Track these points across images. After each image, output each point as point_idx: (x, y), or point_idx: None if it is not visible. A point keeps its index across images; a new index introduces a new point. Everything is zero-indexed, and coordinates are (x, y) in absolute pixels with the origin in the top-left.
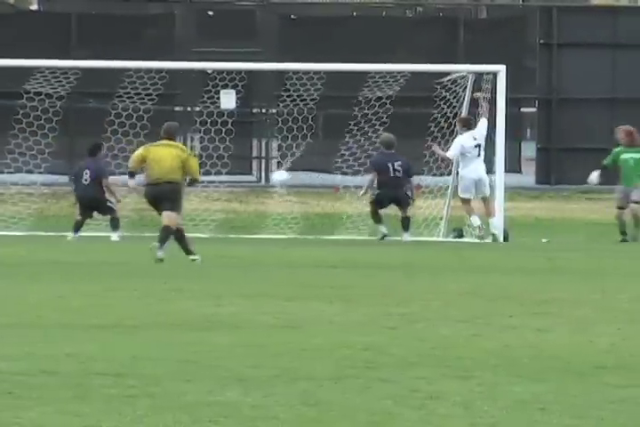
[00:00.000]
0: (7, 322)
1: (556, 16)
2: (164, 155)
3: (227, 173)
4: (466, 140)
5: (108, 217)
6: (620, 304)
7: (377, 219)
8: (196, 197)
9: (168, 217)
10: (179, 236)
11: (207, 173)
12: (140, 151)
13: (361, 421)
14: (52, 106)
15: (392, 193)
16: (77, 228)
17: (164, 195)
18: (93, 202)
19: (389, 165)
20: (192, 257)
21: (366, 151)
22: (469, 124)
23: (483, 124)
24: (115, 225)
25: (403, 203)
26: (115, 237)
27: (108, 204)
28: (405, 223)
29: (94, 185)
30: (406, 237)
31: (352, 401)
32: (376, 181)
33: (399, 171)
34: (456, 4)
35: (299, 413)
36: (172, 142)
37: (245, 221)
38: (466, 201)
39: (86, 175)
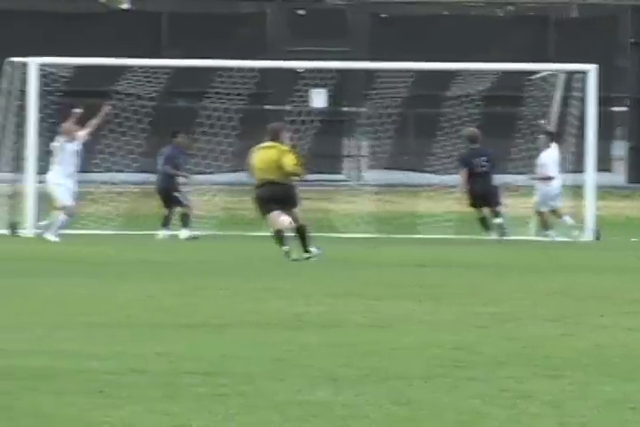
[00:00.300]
0: (97, 321)
1: None
2: (266, 156)
3: (316, 172)
4: (553, 155)
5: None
6: None
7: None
8: None
9: (292, 217)
10: (300, 231)
11: None
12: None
13: (450, 420)
14: (142, 106)
15: (479, 188)
16: (165, 223)
17: (272, 195)
18: (162, 192)
19: (475, 160)
20: (307, 255)
21: (457, 150)
22: (553, 138)
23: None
24: (184, 222)
25: (491, 199)
26: (183, 234)
27: (175, 194)
28: (488, 222)
29: (162, 173)
30: (493, 234)
31: (441, 400)
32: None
33: (485, 166)
34: (547, 2)
35: (389, 412)
36: (271, 144)
37: (332, 219)
38: (545, 213)
39: (159, 162)
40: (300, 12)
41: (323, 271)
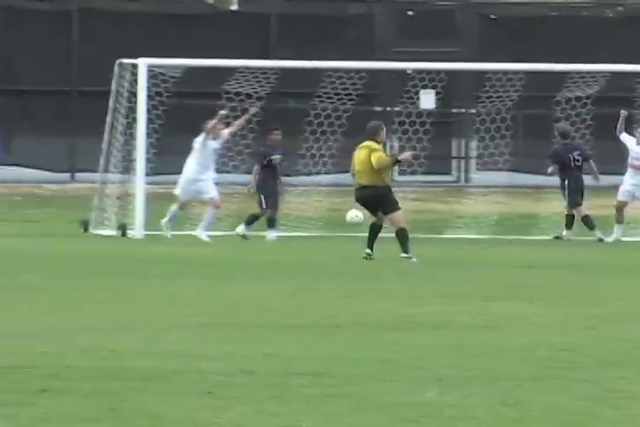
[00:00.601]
0: (206, 322)
1: None
2: (359, 157)
3: (425, 173)
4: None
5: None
6: None
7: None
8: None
9: (390, 221)
10: (400, 234)
11: (402, 173)
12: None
13: (562, 421)
14: (251, 106)
15: (575, 184)
16: (270, 224)
17: (364, 200)
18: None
19: (569, 155)
20: (405, 255)
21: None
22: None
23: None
24: (269, 224)
25: (583, 195)
26: (270, 236)
27: (261, 195)
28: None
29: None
30: (598, 233)
31: (552, 401)
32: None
33: (578, 160)
34: None
35: (498, 413)
36: (366, 143)
37: (442, 220)
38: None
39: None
40: (409, 13)
41: (432, 272)
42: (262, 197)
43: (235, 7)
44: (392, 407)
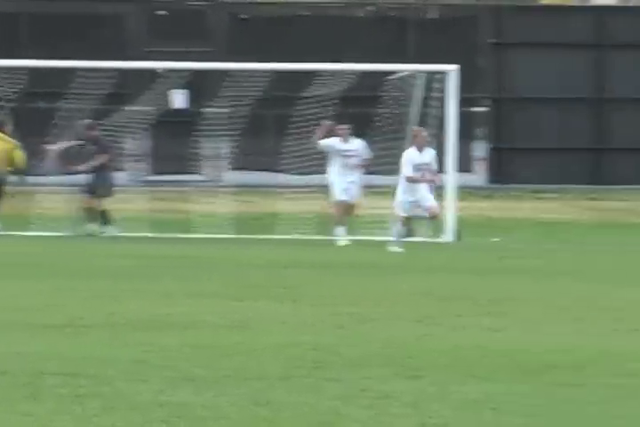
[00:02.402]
0: None
1: (505, 16)
2: None
3: (174, 173)
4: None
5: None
6: (569, 303)
7: None
8: (137, 197)
9: None
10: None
11: (157, 173)
12: None
13: (312, 421)
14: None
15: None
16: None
17: None
18: None
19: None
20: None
21: (314, 149)
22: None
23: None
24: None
25: None
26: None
27: None
28: None
29: None
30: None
31: (303, 401)
32: None
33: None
34: (406, 3)
35: (250, 413)
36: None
37: (190, 221)
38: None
39: None
40: (161, 12)
41: (182, 272)
42: None
43: None
44: (144, 407)
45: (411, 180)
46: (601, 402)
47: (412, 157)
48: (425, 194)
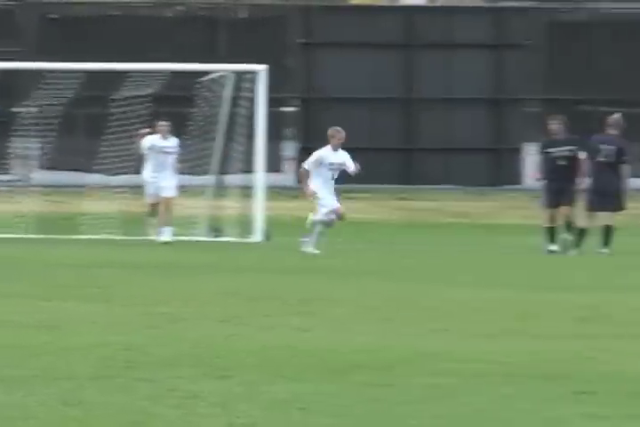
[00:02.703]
0: None
1: (315, 15)
2: None
3: None
4: None
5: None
6: (378, 303)
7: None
8: None
9: None
10: None
11: None
12: None
13: (123, 420)
14: None
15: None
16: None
17: None
18: None
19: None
20: None
21: (128, 150)
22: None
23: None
24: None
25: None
26: None
27: None
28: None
29: None
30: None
31: (113, 401)
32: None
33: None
34: (216, 3)
35: (60, 413)
36: None
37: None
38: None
39: None
40: None
41: None
42: None
43: None
44: None
45: (302, 175)
46: (414, 402)
47: (326, 156)
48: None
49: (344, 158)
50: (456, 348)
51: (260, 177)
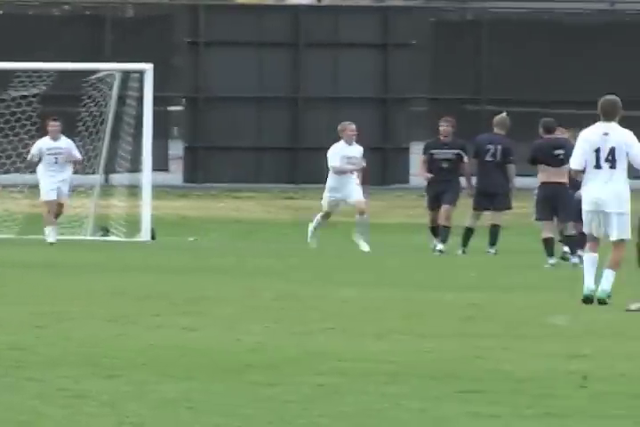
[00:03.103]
0: None
1: (202, 14)
2: None
3: None
4: None
5: None
6: (266, 303)
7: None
8: None
9: None
10: None
11: None
12: None
13: (11, 420)
14: None
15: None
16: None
17: None
18: None
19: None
20: None
21: (17, 149)
22: None
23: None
24: None
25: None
26: None
27: None
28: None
29: None
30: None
31: (2, 400)
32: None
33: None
34: (102, 2)
35: None
36: None
37: None
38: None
39: None
40: None
41: None
42: None
43: None
44: None
45: (337, 170)
46: (302, 401)
47: (339, 150)
48: (352, 191)
49: (358, 153)
50: (343, 347)
51: (147, 176)
